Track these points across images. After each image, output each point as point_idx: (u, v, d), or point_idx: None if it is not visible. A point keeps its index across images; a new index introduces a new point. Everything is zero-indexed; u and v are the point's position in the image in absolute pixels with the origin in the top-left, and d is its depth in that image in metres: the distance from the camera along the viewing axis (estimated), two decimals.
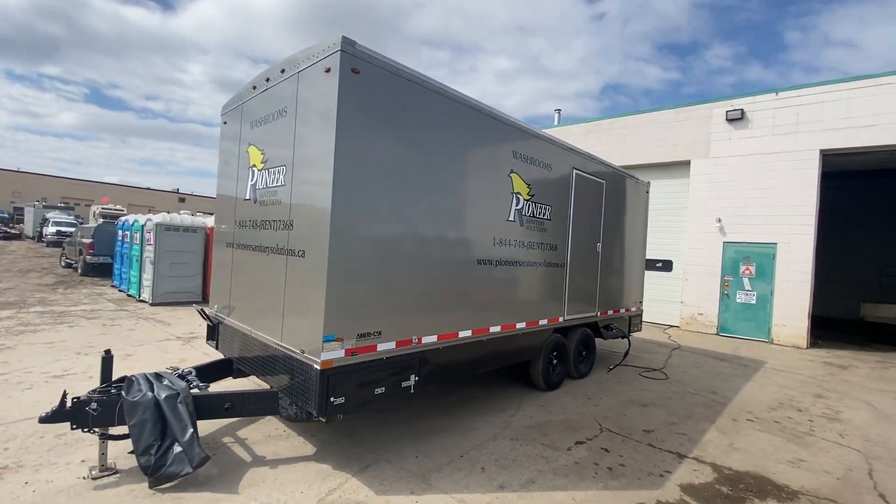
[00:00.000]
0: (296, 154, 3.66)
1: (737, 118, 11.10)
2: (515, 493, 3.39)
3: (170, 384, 3.57)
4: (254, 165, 4.30)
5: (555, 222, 5.63)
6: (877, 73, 9.62)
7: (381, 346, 3.61)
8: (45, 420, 3.15)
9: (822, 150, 10.07)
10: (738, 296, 11.11)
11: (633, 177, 7.71)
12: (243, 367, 4.38)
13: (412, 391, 3.89)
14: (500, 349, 4.96)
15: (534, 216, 5.28)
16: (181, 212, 15.58)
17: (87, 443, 3.63)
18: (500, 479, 3.56)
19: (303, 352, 3.38)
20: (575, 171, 5.97)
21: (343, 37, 3.24)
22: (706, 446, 4.44)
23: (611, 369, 7.09)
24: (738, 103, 11.15)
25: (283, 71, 3.92)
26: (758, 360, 8.64)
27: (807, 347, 10.09)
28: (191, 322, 8.66)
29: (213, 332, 4.91)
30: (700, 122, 11.72)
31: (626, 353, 7.62)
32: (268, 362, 3.84)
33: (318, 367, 3.20)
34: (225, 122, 5.00)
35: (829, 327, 12.13)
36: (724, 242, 11.30)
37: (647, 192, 8.24)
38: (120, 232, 12.56)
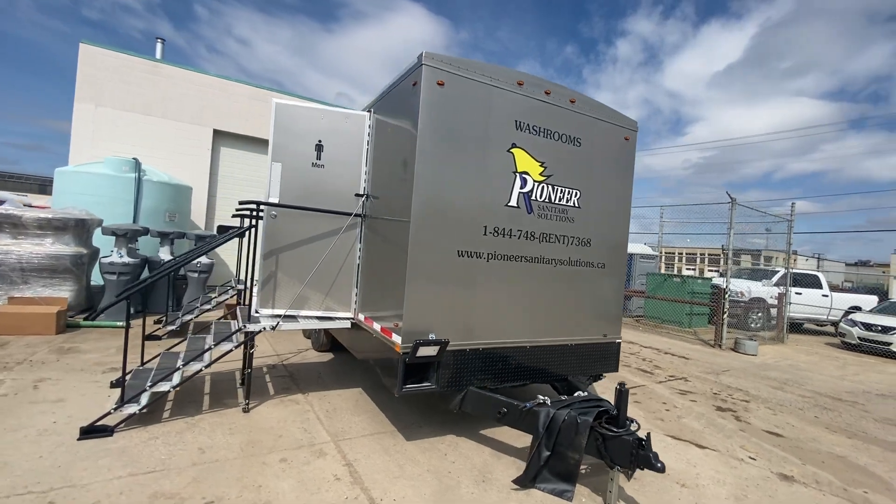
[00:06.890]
0: (592, 186, 4.53)
1: None
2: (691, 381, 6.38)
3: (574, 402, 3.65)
4: (524, 172, 4.11)
5: None
6: None
7: None
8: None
9: None
10: None
11: None
12: (505, 383, 4.12)
13: None
14: None
15: None
16: None
17: None
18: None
19: (605, 336, 4.72)
20: None
21: (637, 122, 4.85)
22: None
23: None
24: None
25: (572, 101, 4.36)
26: None
27: None
28: None
29: (425, 371, 3.71)
30: None
31: None
32: (557, 359, 4.41)
33: (619, 341, 4.85)
34: (442, 84, 3.62)
35: None
36: None
37: None
38: None
